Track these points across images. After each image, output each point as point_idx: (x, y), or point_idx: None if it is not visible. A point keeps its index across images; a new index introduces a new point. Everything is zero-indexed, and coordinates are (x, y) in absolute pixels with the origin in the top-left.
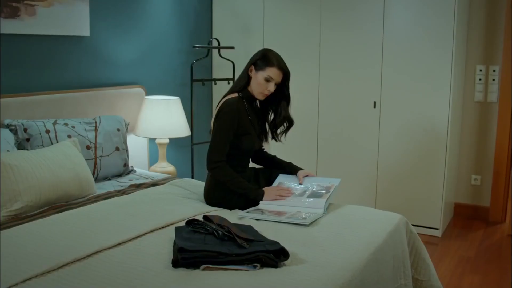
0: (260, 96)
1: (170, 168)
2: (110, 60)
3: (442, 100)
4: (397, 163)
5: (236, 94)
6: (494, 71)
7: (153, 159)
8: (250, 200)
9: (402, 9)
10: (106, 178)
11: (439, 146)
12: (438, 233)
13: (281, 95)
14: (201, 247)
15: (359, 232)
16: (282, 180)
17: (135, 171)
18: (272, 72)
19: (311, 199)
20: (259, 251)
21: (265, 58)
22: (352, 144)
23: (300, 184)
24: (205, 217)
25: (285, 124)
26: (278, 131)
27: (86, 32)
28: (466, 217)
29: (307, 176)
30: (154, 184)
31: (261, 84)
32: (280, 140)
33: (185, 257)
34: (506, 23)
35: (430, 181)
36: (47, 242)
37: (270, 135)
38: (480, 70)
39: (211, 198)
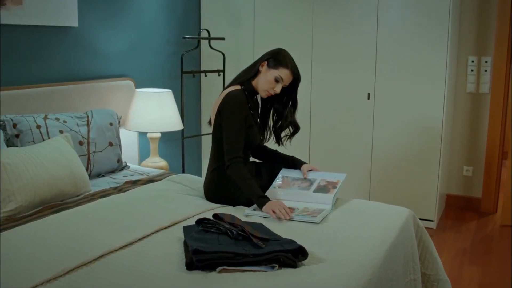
0: (263, 94)
1: (163, 163)
2: (98, 52)
3: (437, 92)
4: (391, 155)
5: (238, 86)
6: (486, 62)
7: (143, 154)
8: None
9: (396, 1)
10: (99, 175)
11: (434, 138)
12: (433, 225)
13: (288, 98)
14: (217, 248)
15: (372, 228)
16: (285, 174)
17: (128, 167)
18: (284, 73)
19: (319, 194)
20: (277, 250)
21: (279, 58)
22: (345, 136)
23: (305, 178)
24: (215, 215)
25: (290, 128)
26: (283, 134)
27: (74, 23)
28: (458, 208)
29: (311, 170)
30: (150, 180)
31: (270, 83)
32: (283, 144)
33: (200, 259)
34: (498, 13)
35: (425, 173)
36: (48, 245)
37: (274, 138)
38: (472, 61)
39: (212, 194)
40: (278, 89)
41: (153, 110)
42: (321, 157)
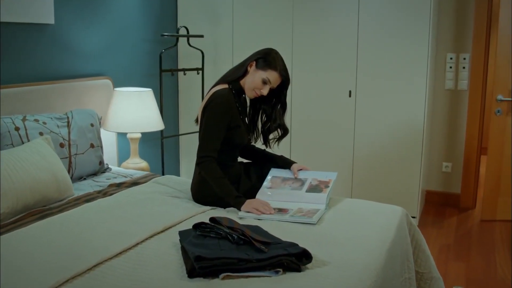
0: (250, 95)
1: (143, 164)
2: (75, 50)
3: (418, 90)
4: (373, 152)
5: (226, 85)
6: (464, 59)
7: (121, 155)
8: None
9: None
10: (81, 178)
11: (415, 135)
12: (415, 222)
13: (277, 100)
14: (219, 254)
15: (370, 228)
16: (275, 174)
17: (110, 169)
18: (272, 75)
19: (312, 194)
20: (281, 255)
21: (269, 59)
22: (327, 134)
23: (296, 178)
24: (212, 219)
25: (278, 131)
26: (271, 136)
27: (50, 20)
28: (437, 204)
29: (301, 169)
30: (134, 182)
31: (257, 84)
32: (271, 147)
33: (203, 266)
34: (476, 11)
35: (406, 170)
36: (37, 255)
37: (261, 139)
38: (451, 58)
39: (200, 196)
40: (265, 91)
41: (133, 110)
42: (302, 155)
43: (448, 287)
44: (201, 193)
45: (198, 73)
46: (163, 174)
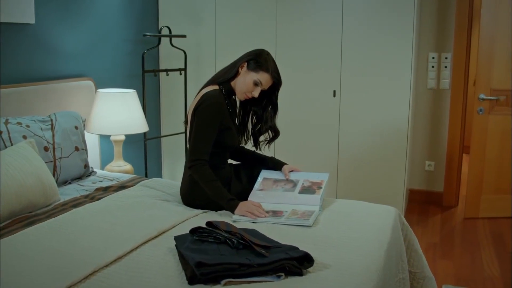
0: (241, 97)
1: (127, 166)
2: (56, 51)
3: (402, 89)
4: (357, 152)
5: (216, 86)
6: (446, 58)
7: (104, 158)
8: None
9: None
10: (66, 182)
11: (400, 135)
12: None
13: (268, 102)
14: (219, 260)
15: (366, 229)
16: (266, 176)
17: (95, 173)
18: (264, 77)
19: (305, 195)
20: (283, 259)
21: (260, 60)
22: (311, 134)
23: (287, 179)
24: (209, 223)
25: (269, 133)
26: (262, 138)
27: (31, 19)
28: (420, 203)
29: (292, 171)
30: (122, 186)
31: (248, 86)
32: (261, 149)
33: (204, 272)
34: (457, 10)
35: (391, 169)
36: (27, 266)
37: (252, 141)
38: (433, 58)
39: (191, 199)
40: (256, 93)
41: (117, 112)
42: (286, 156)
43: (437, 286)
44: (192, 196)
45: (180, 74)
46: (146, 177)
